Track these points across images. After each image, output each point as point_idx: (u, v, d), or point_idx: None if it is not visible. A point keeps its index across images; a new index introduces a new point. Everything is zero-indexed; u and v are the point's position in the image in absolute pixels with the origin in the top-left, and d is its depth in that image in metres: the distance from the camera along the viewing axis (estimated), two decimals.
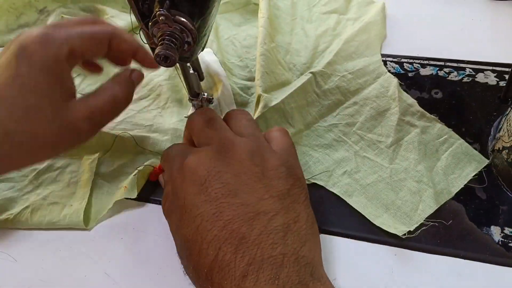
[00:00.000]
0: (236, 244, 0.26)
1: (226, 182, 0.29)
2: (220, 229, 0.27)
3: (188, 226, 0.28)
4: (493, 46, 0.46)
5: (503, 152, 0.35)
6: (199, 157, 0.30)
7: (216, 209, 0.28)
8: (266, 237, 0.27)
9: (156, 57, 0.32)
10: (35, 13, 0.59)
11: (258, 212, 0.28)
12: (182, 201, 0.29)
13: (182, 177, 0.30)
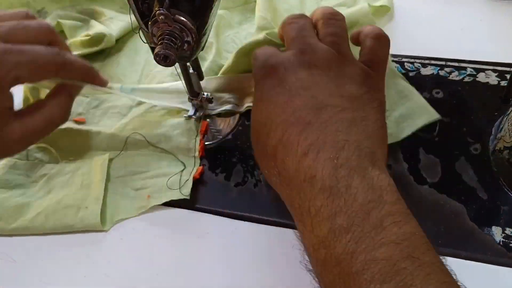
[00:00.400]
0: (302, 128, 0.28)
1: (300, 78, 0.31)
2: (289, 115, 0.29)
3: (262, 112, 0.31)
4: (494, 45, 0.46)
5: (505, 152, 0.35)
6: (281, 58, 0.32)
7: (288, 97, 0.30)
8: (331, 125, 0.28)
9: (155, 57, 0.31)
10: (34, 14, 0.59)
11: (326, 105, 0.29)
12: (260, 92, 0.32)
13: (263, 73, 0.32)
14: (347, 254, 0.23)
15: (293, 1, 0.53)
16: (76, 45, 0.51)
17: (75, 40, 0.51)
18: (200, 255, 0.35)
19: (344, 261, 0.23)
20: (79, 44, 0.51)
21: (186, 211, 0.38)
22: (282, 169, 0.28)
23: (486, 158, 0.37)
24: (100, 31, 0.51)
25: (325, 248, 0.25)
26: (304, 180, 0.27)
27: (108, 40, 0.51)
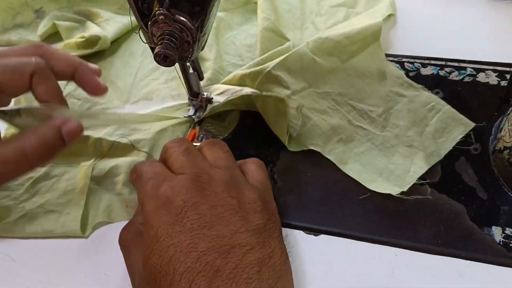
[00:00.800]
0: (210, 277, 0.26)
1: (202, 214, 0.28)
2: (194, 261, 0.26)
3: (160, 257, 0.27)
4: (494, 45, 0.46)
5: (505, 152, 0.35)
6: (175, 185, 0.29)
7: (191, 240, 0.27)
8: (241, 272, 0.26)
9: (155, 57, 0.31)
10: (31, 13, 0.59)
11: (233, 245, 0.27)
12: (154, 230, 0.28)
13: (156, 205, 0.29)
14: None
15: (294, 1, 0.53)
16: (71, 46, 0.51)
17: (70, 42, 0.51)
18: None
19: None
20: (74, 46, 0.51)
21: None
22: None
23: (486, 158, 0.37)
24: (95, 33, 0.50)
25: None
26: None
27: (103, 42, 0.51)
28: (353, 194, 0.37)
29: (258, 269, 0.27)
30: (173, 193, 0.29)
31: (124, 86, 0.49)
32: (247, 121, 0.44)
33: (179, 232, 0.27)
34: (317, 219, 0.36)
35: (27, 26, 0.58)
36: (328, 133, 0.40)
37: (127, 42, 0.53)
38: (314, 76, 0.43)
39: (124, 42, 0.53)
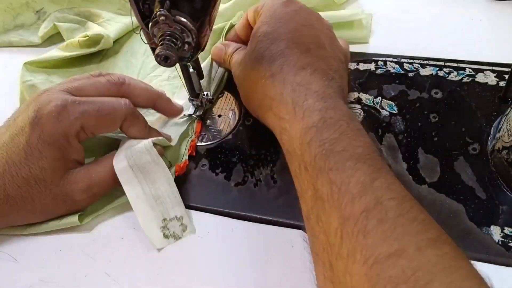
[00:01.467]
0: (302, 50, 0.34)
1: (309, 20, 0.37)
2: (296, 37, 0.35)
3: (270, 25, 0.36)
4: (493, 46, 0.46)
5: (503, 152, 0.35)
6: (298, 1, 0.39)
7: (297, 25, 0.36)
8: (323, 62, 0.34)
9: (156, 57, 0.32)
10: (32, 14, 0.59)
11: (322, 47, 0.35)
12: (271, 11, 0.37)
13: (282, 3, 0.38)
14: (333, 139, 0.28)
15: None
16: (74, 45, 0.51)
17: (72, 41, 0.51)
18: (200, 255, 0.35)
19: (329, 143, 0.28)
20: (76, 45, 0.51)
21: (186, 210, 0.38)
22: (278, 73, 0.33)
23: (484, 158, 0.38)
24: (98, 32, 0.51)
25: (313, 132, 0.29)
26: (299, 84, 0.32)
27: (106, 41, 0.51)
28: None
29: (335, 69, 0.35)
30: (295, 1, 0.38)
31: None
32: (247, 122, 0.44)
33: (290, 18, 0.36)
34: None
35: (28, 27, 0.58)
36: None
37: (128, 42, 0.54)
38: None
39: (126, 43, 0.54)
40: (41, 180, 0.34)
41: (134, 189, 0.36)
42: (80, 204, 0.36)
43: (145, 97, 0.40)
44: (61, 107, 0.34)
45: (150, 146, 0.36)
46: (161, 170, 0.36)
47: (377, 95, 0.44)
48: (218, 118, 0.45)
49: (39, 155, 0.34)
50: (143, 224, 0.35)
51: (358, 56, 0.47)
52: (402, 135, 0.40)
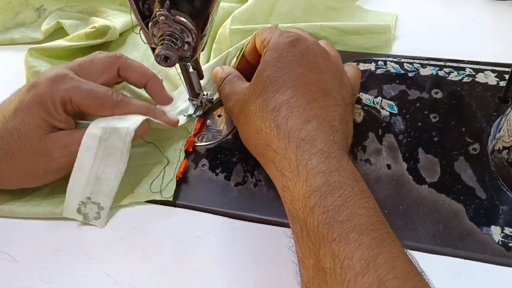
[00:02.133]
0: (309, 100, 0.33)
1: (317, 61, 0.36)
2: (301, 84, 0.34)
3: (276, 71, 0.35)
4: (493, 46, 0.46)
5: (503, 152, 0.35)
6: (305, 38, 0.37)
7: (304, 70, 0.34)
8: (330, 111, 0.33)
9: (156, 57, 0.32)
10: (32, 11, 0.59)
11: (330, 94, 0.34)
12: (278, 53, 0.36)
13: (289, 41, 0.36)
14: (336, 207, 0.27)
15: None
16: (80, 37, 0.51)
17: (79, 33, 0.51)
18: (200, 254, 0.35)
19: (332, 210, 0.27)
20: (83, 36, 0.51)
21: (186, 211, 0.38)
22: (283, 124, 0.32)
23: (485, 158, 0.38)
24: (105, 24, 0.51)
25: (316, 197, 0.28)
26: (304, 139, 0.31)
27: (113, 33, 0.51)
28: None
29: (340, 118, 0.34)
30: (301, 38, 0.36)
31: None
32: None
33: (297, 62, 0.35)
34: None
35: (29, 25, 0.58)
36: None
37: (131, 36, 0.54)
38: None
39: (128, 36, 0.54)
40: (23, 134, 0.35)
41: (87, 156, 0.37)
42: (58, 162, 0.37)
43: (139, 72, 0.41)
44: (58, 76, 0.37)
45: (129, 135, 0.37)
46: (120, 162, 0.37)
47: (377, 95, 0.44)
48: (218, 118, 0.45)
49: (27, 111, 0.36)
50: (69, 189, 0.37)
51: (358, 56, 0.47)
52: (402, 135, 0.40)
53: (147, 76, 0.42)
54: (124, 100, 0.38)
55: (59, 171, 0.38)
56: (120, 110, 0.38)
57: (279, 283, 0.33)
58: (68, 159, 0.37)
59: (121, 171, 0.37)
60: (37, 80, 0.37)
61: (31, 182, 0.38)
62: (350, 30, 0.48)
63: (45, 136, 0.36)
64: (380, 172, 0.38)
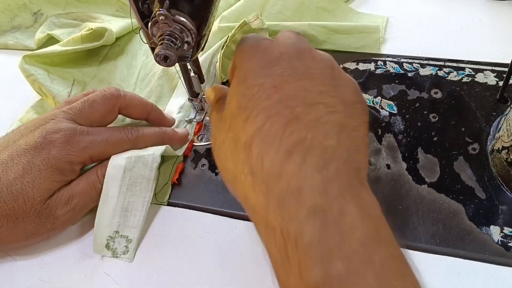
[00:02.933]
0: (288, 120, 0.24)
1: (295, 67, 0.26)
2: (276, 102, 0.25)
3: (243, 95, 0.26)
4: (493, 46, 0.46)
5: (503, 152, 0.35)
6: (277, 42, 0.29)
7: (278, 84, 0.25)
8: (321, 126, 0.24)
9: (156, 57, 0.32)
10: (30, 15, 0.59)
11: (319, 102, 0.25)
12: (243, 72, 0.27)
13: (253, 52, 0.28)
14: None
15: None
16: (75, 41, 0.50)
17: (75, 36, 0.50)
18: (200, 254, 0.35)
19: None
20: (78, 40, 0.50)
21: (186, 211, 0.38)
22: (257, 168, 0.23)
23: (484, 157, 0.38)
24: (102, 26, 0.50)
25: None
26: (287, 190, 0.22)
27: (109, 35, 0.51)
28: None
29: (338, 130, 0.24)
30: (272, 46, 0.28)
31: (128, 86, 0.49)
32: None
33: (267, 75, 0.26)
34: None
35: (25, 30, 0.58)
36: None
37: (129, 43, 0.54)
38: None
39: (127, 45, 0.54)
40: (30, 198, 0.33)
41: (113, 188, 0.36)
42: (61, 220, 0.35)
43: (140, 108, 0.41)
44: (70, 136, 0.35)
45: (156, 161, 0.37)
46: (146, 190, 0.37)
47: (376, 95, 0.44)
48: None
49: (38, 174, 0.34)
50: (97, 223, 0.36)
51: (358, 55, 0.47)
52: (401, 135, 0.40)
53: (148, 110, 0.41)
54: (140, 135, 0.39)
55: (64, 227, 0.37)
56: (139, 146, 0.39)
57: None
58: (72, 214, 0.36)
59: (148, 199, 0.37)
60: (46, 141, 0.35)
61: (33, 241, 0.37)
62: (339, 29, 0.48)
63: (50, 198, 0.34)
64: (380, 172, 0.38)
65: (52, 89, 0.47)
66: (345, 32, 0.48)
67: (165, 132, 0.41)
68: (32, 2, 0.58)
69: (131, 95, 0.40)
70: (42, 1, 0.59)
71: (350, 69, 0.46)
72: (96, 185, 0.36)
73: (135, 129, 0.39)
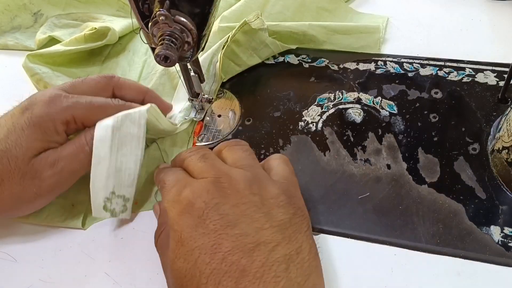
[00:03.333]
0: (237, 277, 0.25)
1: (224, 214, 0.28)
2: (219, 262, 0.26)
3: (185, 260, 0.27)
4: (493, 46, 0.46)
5: (503, 152, 0.35)
6: (196, 189, 0.29)
7: (215, 241, 0.27)
8: (268, 270, 0.26)
9: (156, 57, 0.32)
10: (30, 16, 0.59)
11: (258, 243, 0.27)
12: (178, 234, 0.28)
13: (179, 210, 0.29)
14: None
15: None
16: (78, 40, 0.50)
17: (79, 36, 0.50)
18: None
19: None
20: (82, 39, 0.50)
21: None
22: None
23: (484, 158, 0.38)
24: (105, 25, 0.50)
25: None
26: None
27: (112, 34, 0.51)
28: (353, 194, 0.37)
29: (286, 267, 0.26)
30: (194, 197, 0.29)
31: None
32: (247, 121, 0.44)
33: (202, 234, 0.27)
34: (316, 218, 0.36)
35: (25, 30, 0.58)
36: None
37: (131, 42, 0.54)
38: None
39: (128, 43, 0.54)
40: (13, 157, 0.33)
41: (103, 149, 0.35)
42: (48, 183, 0.34)
43: (135, 90, 0.40)
44: (54, 96, 0.35)
45: (143, 117, 0.36)
46: (137, 148, 0.36)
47: (377, 95, 0.44)
48: (218, 118, 0.45)
49: (21, 133, 0.34)
50: (92, 187, 0.35)
51: (358, 56, 0.47)
52: (402, 135, 0.40)
53: (143, 91, 0.41)
54: (126, 104, 0.38)
55: (50, 193, 0.36)
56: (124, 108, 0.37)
57: None
58: (58, 178, 0.35)
59: (140, 157, 0.36)
60: (31, 101, 0.35)
61: (23, 209, 0.36)
62: (339, 30, 0.48)
63: (34, 158, 0.34)
64: (380, 172, 0.38)
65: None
66: (345, 33, 0.48)
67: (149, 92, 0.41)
68: (32, 2, 0.58)
69: (124, 78, 0.40)
70: (42, 2, 0.59)
71: (350, 69, 0.46)
72: (84, 148, 0.35)
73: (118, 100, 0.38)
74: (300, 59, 0.48)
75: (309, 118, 0.43)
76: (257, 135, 0.42)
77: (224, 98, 0.46)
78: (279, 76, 0.47)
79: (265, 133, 0.42)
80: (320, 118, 0.43)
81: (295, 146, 0.41)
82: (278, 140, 0.42)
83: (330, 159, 0.40)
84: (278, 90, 0.46)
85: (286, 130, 0.42)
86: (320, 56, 0.48)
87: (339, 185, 0.38)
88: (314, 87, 0.45)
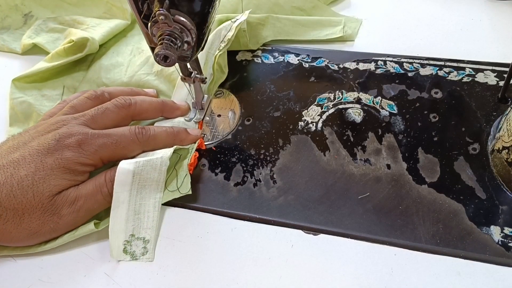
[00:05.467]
0: None
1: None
2: None
3: None
4: (493, 45, 0.46)
5: (503, 152, 0.35)
6: None
7: None
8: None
9: (155, 57, 0.32)
10: (20, 17, 0.59)
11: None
12: None
13: None
14: None
15: None
16: (59, 54, 0.51)
17: (58, 50, 0.50)
18: (200, 254, 0.35)
19: None
20: (62, 53, 0.50)
21: (186, 211, 0.38)
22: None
23: (484, 157, 0.38)
24: (83, 36, 0.50)
25: None
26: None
27: (92, 44, 0.50)
28: (352, 194, 0.37)
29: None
30: None
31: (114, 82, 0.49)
32: (247, 121, 0.44)
33: None
34: (316, 218, 0.36)
35: (14, 31, 0.58)
36: None
37: (115, 45, 0.54)
38: None
39: (113, 46, 0.54)
40: (39, 192, 0.34)
41: (123, 193, 0.36)
42: (65, 220, 0.35)
43: (152, 110, 0.42)
44: (82, 140, 0.37)
45: (165, 164, 0.37)
46: (156, 192, 0.37)
47: (377, 95, 0.44)
48: (218, 118, 0.45)
49: (50, 172, 0.35)
50: (111, 230, 0.36)
51: (358, 55, 0.47)
52: (402, 135, 0.40)
53: (160, 107, 0.42)
54: (150, 135, 0.39)
55: (65, 229, 0.36)
56: (150, 147, 0.39)
57: (279, 283, 0.33)
58: (76, 216, 0.36)
59: (158, 200, 0.37)
60: (59, 144, 0.36)
61: (35, 241, 0.36)
62: (305, 23, 0.50)
63: (58, 195, 0.35)
64: (380, 172, 0.38)
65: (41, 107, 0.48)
66: (309, 26, 0.50)
67: (178, 134, 0.41)
68: (23, 3, 0.59)
69: (141, 101, 0.41)
70: (33, 3, 0.59)
71: (350, 69, 0.46)
72: (103, 188, 0.37)
73: (146, 129, 0.39)
74: (300, 59, 0.48)
75: (309, 118, 0.43)
76: (256, 135, 0.42)
77: (224, 98, 0.46)
78: (279, 76, 0.47)
79: (264, 133, 0.42)
80: (320, 118, 0.43)
81: (295, 146, 0.41)
82: (278, 140, 0.42)
83: (330, 159, 0.40)
84: (278, 90, 0.46)
85: (286, 130, 0.42)
86: (320, 56, 0.48)
87: (339, 185, 0.38)
88: (314, 87, 0.45)
